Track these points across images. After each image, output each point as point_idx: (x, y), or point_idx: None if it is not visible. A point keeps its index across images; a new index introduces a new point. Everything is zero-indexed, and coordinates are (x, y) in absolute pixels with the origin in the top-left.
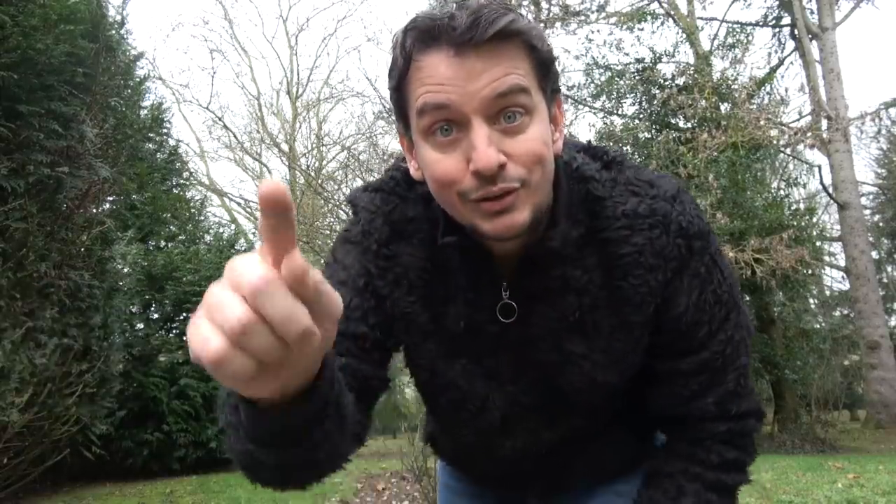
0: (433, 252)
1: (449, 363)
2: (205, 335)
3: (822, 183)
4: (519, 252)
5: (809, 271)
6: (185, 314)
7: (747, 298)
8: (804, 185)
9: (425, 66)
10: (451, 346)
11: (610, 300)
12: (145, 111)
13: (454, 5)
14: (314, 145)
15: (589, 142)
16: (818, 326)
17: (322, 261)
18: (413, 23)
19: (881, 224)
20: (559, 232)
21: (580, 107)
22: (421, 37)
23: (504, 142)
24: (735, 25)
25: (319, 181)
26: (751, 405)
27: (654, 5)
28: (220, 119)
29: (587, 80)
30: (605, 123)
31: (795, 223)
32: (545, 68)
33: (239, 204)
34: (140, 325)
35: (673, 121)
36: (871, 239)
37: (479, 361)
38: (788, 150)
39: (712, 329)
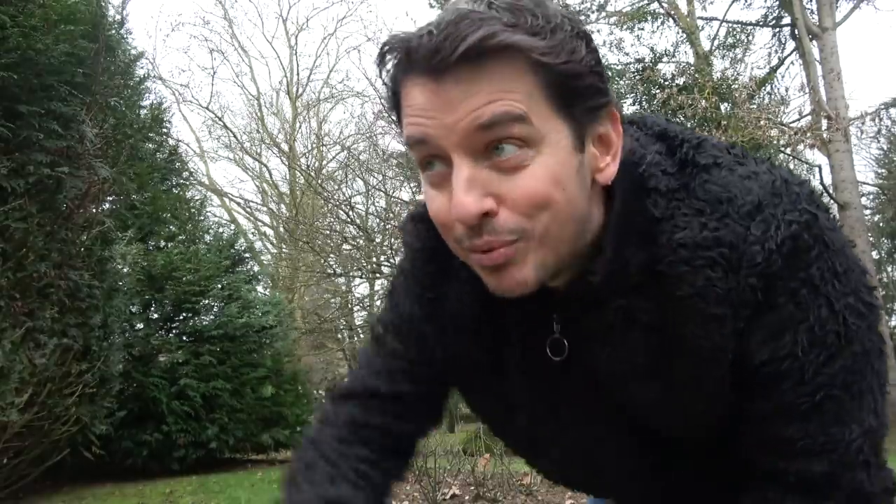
0: (482, 284)
1: (506, 407)
2: None
3: (822, 183)
4: (564, 286)
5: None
6: (184, 314)
7: None
8: None
9: (405, 93)
10: (507, 388)
11: (677, 347)
12: (145, 111)
13: (434, 21)
14: (314, 145)
15: (668, 121)
16: None
17: (322, 261)
18: (387, 44)
19: (881, 224)
20: (604, 263)
21: None
22: (397, 61)
23: (496, 182)
24: (735, 25)
25: (319, 181)
26: (883, 484)
27: (654, 5)
28: (220, 119)
29: None
30: None
31: None
32: (566, 85)
33: (239, 204)
34: (140, 325)
35: (673, 121)
36: (871, 239)
37: (536, 405)
38: (788, 150)
39: (805, 378)
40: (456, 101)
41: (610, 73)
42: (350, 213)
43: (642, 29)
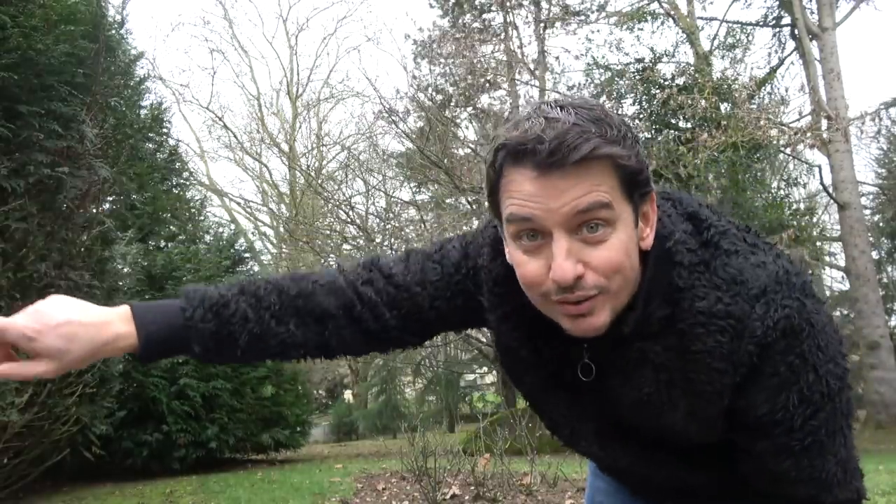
0: (529, 313)
1: (544, 396)
2: None
3: (822, 183)
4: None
5: (809, 271)
6: None
7: None
8: (804, 186)
9: (513, 180)
10: (547, 381)
11: (684, 386)
12: (145, 111)
13: (543, 122)
14: (314, 145)
15: (701, 206)
16: None
17: (322, 261)
18: (503, 143)
19: (881, 224)
20: (633, 317)
21: None
22: (510, 155)
23: (584, 251)
24: (735, 25)
25: (319, 181)
26: (849, 494)
27: (654, 5)
28: (220, 119)
29: (587, 80)
30: None
31: (795, 223)
32: (633, 179)
33: (239, 204)
34: None
35: (673, 121)
36: (871, 239)
37: (567, 402)
38: (788, 150)
39: (794, 426)
40: (560, 191)
41: (610, 73)
42: (350, 213)
43: (642, 29)
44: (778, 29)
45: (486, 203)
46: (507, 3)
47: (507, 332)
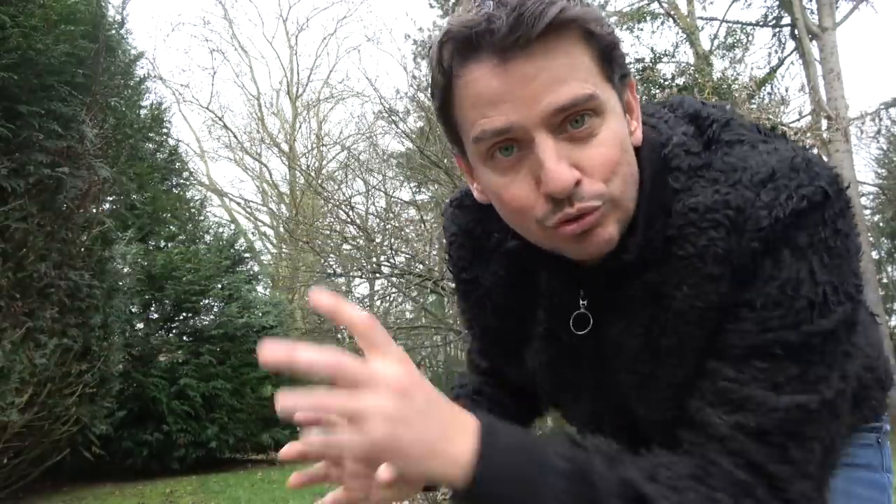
0: (513, 261)
1: (539, 364)
2: None
3: None
4: (595, 262)
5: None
6: (184, 314)
7: None
8: None
9: (470, 81)
10: (538, 348)
11: (665, 309)
12: (145, 111)
13: (490, 3)
14: (314, 145)
15: (705, 104)
16: None
17: (322, 261)
18: (447, 34)
19: (881, 224)
20: (636, 243)
21: None
22: (459, 48)
23: (574, 152)
24: (735, 25)
25: (319, 181)
26: (803, 486)
27: (654, 5)
28: (220, 119)
29: None
30: None
31: None
32: (609, 55)
33: (239, 204)
34: (140, 325)
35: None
36: (871, 239)
37: (562, 369)
38: None
39: (752, 328)
40: (530, 78)
41: None
42: (350, 213)
43: (642, 29)
44: (778, 29)
45: (439, 124)
46: None
47: (487, 315)
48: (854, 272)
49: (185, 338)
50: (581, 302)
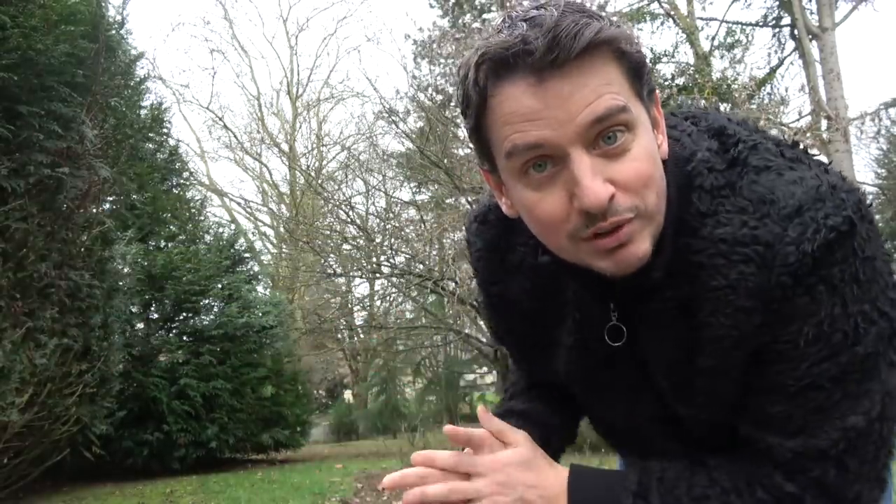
0: (541, 273)
1: (570, 373)
2: None
3: None
4: (622, 278)
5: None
6: (184, 314)
7: None
8: None
9: (504, 100)
10: (569, 358)
11: (700, 333)
12: (145, 111)
13: (523, 25)
14: (314, 145)
15: (730, 121)
16: None
17: (322, 261)
18: (483, 55)
19: (881, 224)
20: (663, 261)
21: None
22: (494, 68)
23: (608, 167)
24: (735, 25)
25: (319, 181)
26: (851, 490)
27: (654, 5)
28: (220, 119)
29: None
30: None
31: None
32: (638, 72)
33: (239, 204)
34: (140, 325)
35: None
36: None
37: (596, 377)
38: None
39: (801, 365)
40: (566, 96)
41: None
42: (350, 213)
43: (642, 29)
44: (778, 29)
45: (471, 142)
46: (507, 3)
47: (515, 325)
48: (886, 287)
49: (185, 338)
50: (612, 314)
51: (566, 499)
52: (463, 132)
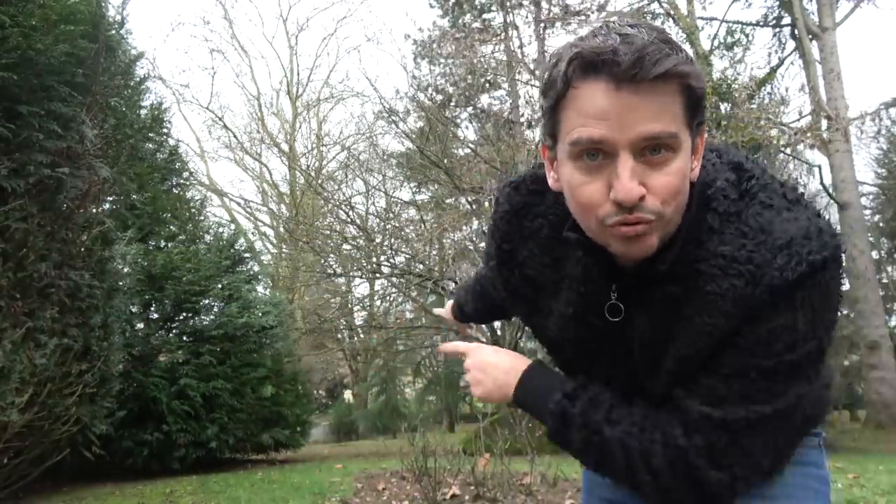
0: (553, 246)
1: (558, 337)
2: None
3: (822, 183)
4: (632, 264)
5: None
6: (184, 314)
7: None
8: (804, 186)
9: (583, 94)
10: (560, 323)
11: (683, 324)
12: (145, 111)
13: (617, 38)
14: (314, 145)
15: (747, 158)
16: None
17: (322, 261)
18: (577, 52)
19: (881, 224)
20: (670, 256)
21: None
22: (583, 65)
23: (646, 174)
24: (735, 25)
25: (319, 181)
26: (744, 471)
27: (654, 5)
28: (220, 119)
29: None
30: None
31: None
32: (696, 106)
33: (239, 204)
34: (140, 325)
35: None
36: (871, 239)
37: (587, 344)
38: (788, 150)
39: (740, 360)
40: (633, 108)
41: None
42: (350, 213)
43: None
44: (778, 29)
45: (542, 118)
46: (507, 3)
47: (519, 283)
48: (831, 315)
49: (185, 338)
50: (612, 294)
51: (517, 377)
52: (462, 132)
